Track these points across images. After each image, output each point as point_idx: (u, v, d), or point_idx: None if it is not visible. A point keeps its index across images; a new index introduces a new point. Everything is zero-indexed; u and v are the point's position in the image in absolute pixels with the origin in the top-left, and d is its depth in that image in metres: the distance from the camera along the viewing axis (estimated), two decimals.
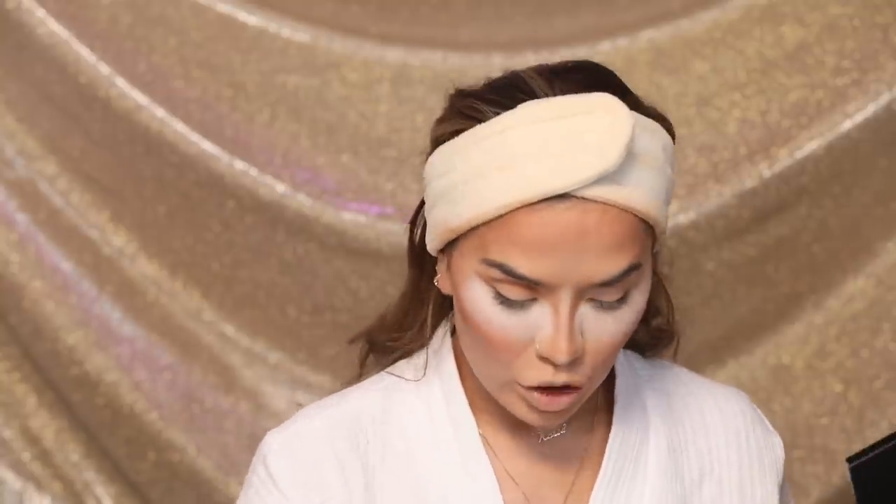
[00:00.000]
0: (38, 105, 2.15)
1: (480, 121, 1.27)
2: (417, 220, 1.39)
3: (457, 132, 1.28)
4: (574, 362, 1.23)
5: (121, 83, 2.12)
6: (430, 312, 1.37)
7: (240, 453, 2.17)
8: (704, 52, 2.15)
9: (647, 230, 1.26)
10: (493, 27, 2.20)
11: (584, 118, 1.23)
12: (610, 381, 1.37)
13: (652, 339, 1.42)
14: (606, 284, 1.22)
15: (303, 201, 2.13)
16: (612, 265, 1.22)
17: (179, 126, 2.13)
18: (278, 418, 2.18)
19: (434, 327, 1.38)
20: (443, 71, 2.15)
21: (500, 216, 1.23)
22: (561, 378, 1.23)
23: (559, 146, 1.23)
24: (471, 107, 1.29)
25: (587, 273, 1.22)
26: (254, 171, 2.13)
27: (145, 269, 2.18)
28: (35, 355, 2.17)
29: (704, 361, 2.16)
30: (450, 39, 2.19)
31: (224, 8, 2.14)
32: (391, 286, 2.16)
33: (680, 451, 1.37)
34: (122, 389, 2.15)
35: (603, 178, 1.21)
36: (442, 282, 1.32)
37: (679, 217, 2.12)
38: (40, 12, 2.11)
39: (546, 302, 1.23)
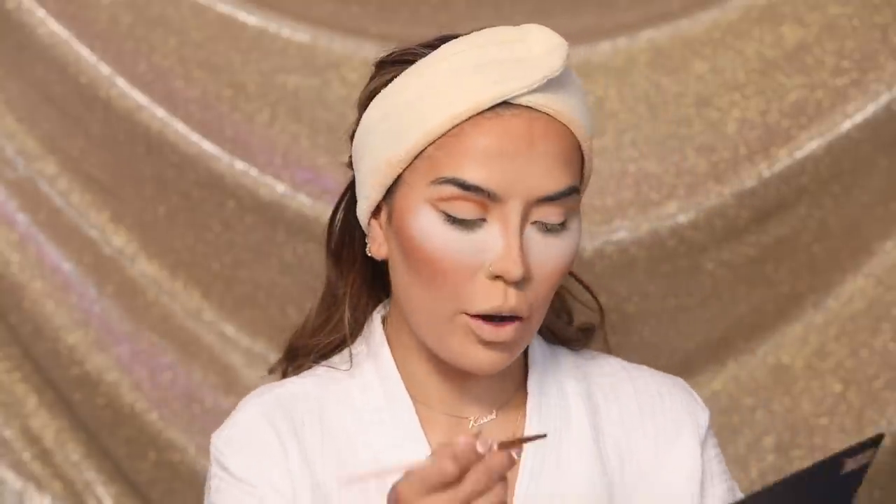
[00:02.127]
0: (38, 105, 2.15)
1: (414, 61, 1.31)
2: (336, 216, 1.42)
3: (390, 80, 1.31)
4: (523, 284, 1.26)
5: (121, 83, 2.12)
6: (346, 305, 1.40)
7: None
8: (704, 52, 2.15)
9: (579, 164, 1.31)
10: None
11: (521, 42, 1.30)
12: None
13: (577, 333, 1.46)
14: (552, 200, 1.26)
15: (303, 201, 2.13)
16: (558, 179, 1.27)
17: (179, 126, 2.13)
18: None
19: (355, 319, 1.41)
20: None
21: (449, 131, 1.26)
22: (510, 302, 1.26)
23: (501, 58, 1.28)
24: (403, 53, 1.33)
25: (535, 185, 1.26)
26: (254, 171, 2.13)
27: (145, 269, 2.18)
28: (35, 355, 2.17)
29: (704, 361, 2.16)
30: None
31: (224, 8, 2.14)
32: None
33: (600, 440, 1.38)
34: (123, 389, 2.15)
35: (547, 88, 1.27)
36: (376, 247, 1.34)
37: (679, 217, 2.12)
38: (40, 12, 2.11)
39: (495, 222, 1.26)
